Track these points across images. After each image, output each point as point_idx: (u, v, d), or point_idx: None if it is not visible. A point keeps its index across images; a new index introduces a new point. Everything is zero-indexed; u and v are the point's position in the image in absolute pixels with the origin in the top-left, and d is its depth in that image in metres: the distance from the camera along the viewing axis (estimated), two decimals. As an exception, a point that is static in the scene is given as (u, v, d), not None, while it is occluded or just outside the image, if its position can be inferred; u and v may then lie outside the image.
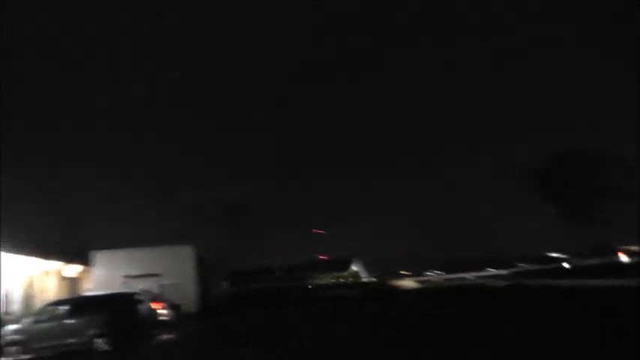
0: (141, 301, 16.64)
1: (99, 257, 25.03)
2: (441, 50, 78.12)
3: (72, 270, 28.85)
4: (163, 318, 18.49)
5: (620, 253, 35.54)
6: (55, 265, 27.28)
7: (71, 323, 15.39)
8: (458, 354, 9.24)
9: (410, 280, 44.87)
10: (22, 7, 42.21)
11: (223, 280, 33.97)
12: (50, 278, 26.93)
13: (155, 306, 18.25)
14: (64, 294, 26.00)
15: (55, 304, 16.88)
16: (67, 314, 15.67)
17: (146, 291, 18.83)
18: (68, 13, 50.90)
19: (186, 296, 23.33)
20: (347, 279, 59.99)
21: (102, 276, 24.08)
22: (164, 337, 17.00)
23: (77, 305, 16.20)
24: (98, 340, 14.97)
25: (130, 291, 17.80)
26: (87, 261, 26.04)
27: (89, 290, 23.85)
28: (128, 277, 23.06)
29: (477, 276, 49.51)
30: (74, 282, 29.01)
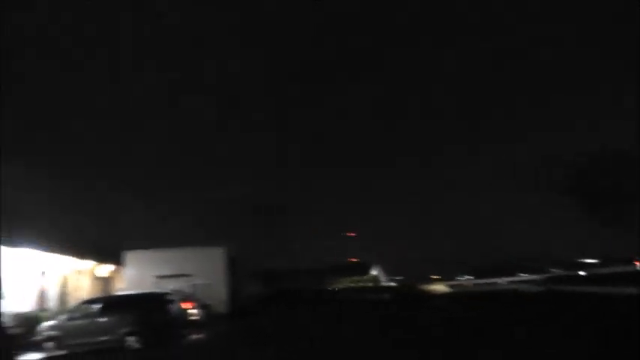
0: (172, 301, 16.79)
1: (131, 257, 25.31)
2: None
3: (104, 269, 29.35)
4: (194, 318, 18.65)
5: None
6: (89, 265, 27.80)
7: (104, 321, 15.60)
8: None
9: (441, 285, 44.31)
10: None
11: (254, 281, 34.12)
12: (84, 277, 27.45)
13: (186, 306, 18.42)
14: (97, 293, 26.47)
15: (89, 303, 17.20)
16: (100, 312, 15.90)
17: (177, 291, 18.97)
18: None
19: (216, 297, 23.42)
20: (367, 283, 59.66)
21: (134, 276, 24.33)
22: (194, 337, 17.13)
23: (110, 304, 16.46)
24: (130, 338, 15.12)
25: (161, 291, 17.98)
26: (119, 261, 26.41)
27: (121, 290, 24.20)
28: (159, 277, 23.25)
29: (509, 281, 48.70)
30: (106, 281, 29.50)
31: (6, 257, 19.47)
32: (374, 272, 69.31)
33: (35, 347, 15.78)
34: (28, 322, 17.53)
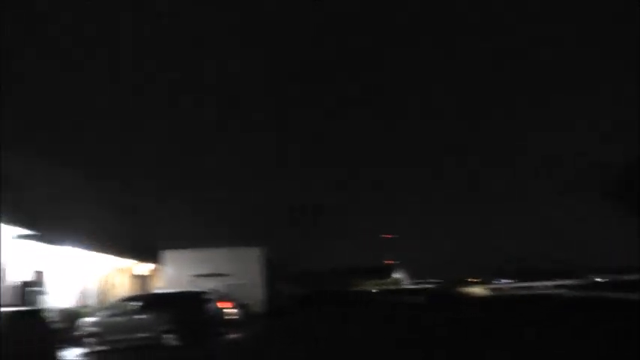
0: (208, 300, 16.90)
1: (169, 257, 25.68)
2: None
3: (142, 268, 29.84)
4: (231, 317, 18.74)
5: None
6: (127, 263, 28.31)
7: (142, 318, 15.77)
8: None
9: (479, 288, 43.45)
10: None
11: (290, 281, 34.16)
12: (123, 275, 27.98)
13: (222, 305, 18.52)
14: (136, 291, 26.93)
15: (128, 300, 17.52)
16: (139, 310, 16.11)
17: (214, 290, 19.10)
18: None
19: (253, 296, 23.51)
20: (389, 286, 59.17)
21: (172, 275, 24.67)
22: (231, 336, 17.20)
23: (148, 301, 16.68)
24: (167, 336, 15.24)
25: (199, 290, 18.16)
26: (157, 260, 26.81)
27: (159, 288, 24.54)
28: (196, 277, 23.49)
29: (550, 285, 47.57)
30: (144, 280, 30.00)
31: (49, 255, 20.02)
32: (397, 275, 68.66)
33: (77, 342, 16.12)
34: (70, 318, 17.90)
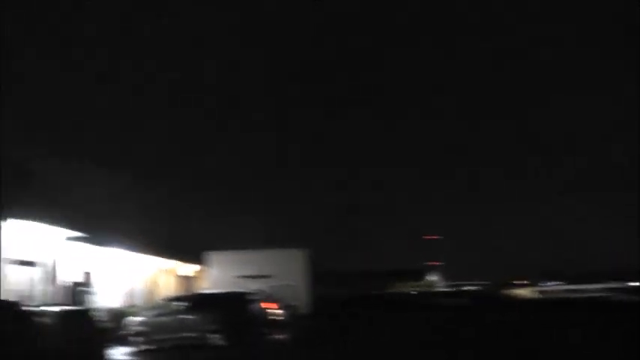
0: (253, 301, 16.83)
1: (214, 258, 25.96)
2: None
3: (187, 269, 30.20)
4: (275, 317, 18.62)
5: None
6: (172, 264, 28.70)
7: (188, 318, 15.86)
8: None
9: (526, 290, 42.18)
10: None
11: (332, 283, 33.99)
12: (168, 276, 28.38)
13: (267, 306, 18.44)
14: (181, 291, 27.25)
15: (174, 300, 17.66)
16: (184, 310, 16.22)
17: (259, 291, 19.08)
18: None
19: (297, 297, 23.47)
20: (423, 288, 58.40)
21: (216, 275, 24.87)
22: (276, 336, 17.10)
23: (193, 301, 16.79)
24: (213, 336, 15.29)
25: (243, 290, 18.16)
26: (201, 261, 27.11)
27: (205, 288, 24.75)
28: (241, 278, 23.60)
29: (602, 288, 45.83)
30: (188, 280, 30.36)
31: (97, 257, 20.44)
32: (431, 277, 67.39)
33: (124, 341, 16.31)
34: (118, 317, 18.16)
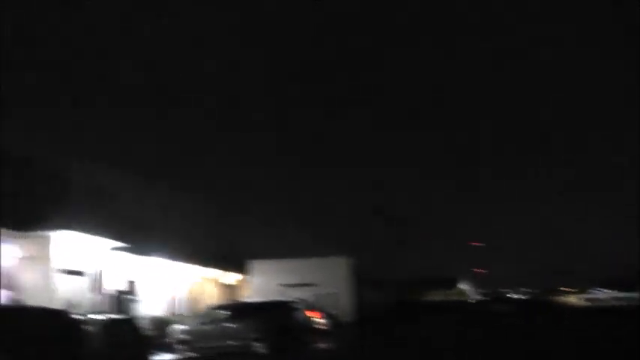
0: (296, 309, 16.71)
1: (256, 266, 25.98)
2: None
3: (230, 278, 30.21)
4: (319, 326, 18.33)
5: None
6: (215, 274, 28.74)
7: (231, 327, 15.86)
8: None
9: (574, 297, 40.43)
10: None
11: (375, 291, 33.40)
12: (211, 285, 28.41)
13: (311, 314, 18.18)
14: (223, 300, 27.22)
15: (217, 309, 17.65)
16: (228, 318, 16.22)
17: (302, 300, 18.86)
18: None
19: (341, 306, 23.25)
20: (454, 297, 57.14)
21: (259, 284, 24.82)
22: (320, 345, 16.79)
23: (237, 310, 16.82)
24: (256, 344, 15.17)
25: (287, 299, 17.96)
26: (244, 269, 27.09)
27: (247, 297, 24.66)
28: (284, 286, 23.45)
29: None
30: (231, 289, 30.33)
31: (142, 266, 20.58)
32: (462, 287, 65.64)
33: (167, 348, 16.28)
34: (161, 325, 18.19)
